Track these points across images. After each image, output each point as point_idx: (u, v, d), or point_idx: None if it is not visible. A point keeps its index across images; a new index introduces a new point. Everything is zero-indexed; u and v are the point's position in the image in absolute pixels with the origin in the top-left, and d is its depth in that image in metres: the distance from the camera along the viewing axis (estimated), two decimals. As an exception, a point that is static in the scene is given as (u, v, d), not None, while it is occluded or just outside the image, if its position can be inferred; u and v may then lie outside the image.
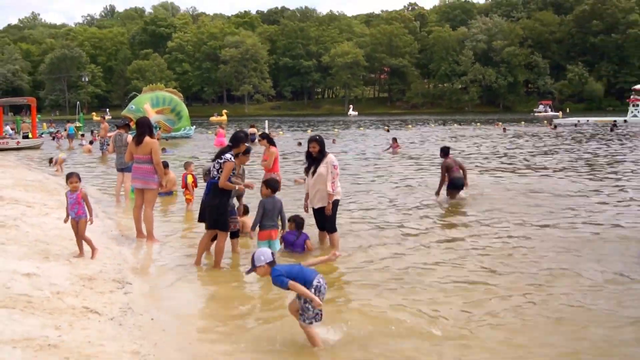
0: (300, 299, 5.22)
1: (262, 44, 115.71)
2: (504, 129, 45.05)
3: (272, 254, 5.31)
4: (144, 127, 9.06)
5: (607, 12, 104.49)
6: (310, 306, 5.12)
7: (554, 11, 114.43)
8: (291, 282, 5.02)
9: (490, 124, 57.13)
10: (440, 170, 13.46)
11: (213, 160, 7.79)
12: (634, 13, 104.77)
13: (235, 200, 8.53)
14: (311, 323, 5.20)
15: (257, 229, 8.13)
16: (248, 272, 5.43)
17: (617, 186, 15.12)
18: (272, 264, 5.18)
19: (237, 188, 8.07)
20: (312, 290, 5.09)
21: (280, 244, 8.46)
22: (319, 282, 5.17)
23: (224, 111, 79.64)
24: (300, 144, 27.94)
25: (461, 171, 13.19)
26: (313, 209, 8.83)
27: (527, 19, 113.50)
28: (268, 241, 7.94)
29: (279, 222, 8.33)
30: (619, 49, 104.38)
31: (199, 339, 5.40)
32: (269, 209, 8.01)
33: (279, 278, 5.09)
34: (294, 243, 8.43)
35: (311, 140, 8.65)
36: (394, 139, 26.99)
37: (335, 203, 8.64)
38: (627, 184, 15.65)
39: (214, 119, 69.09)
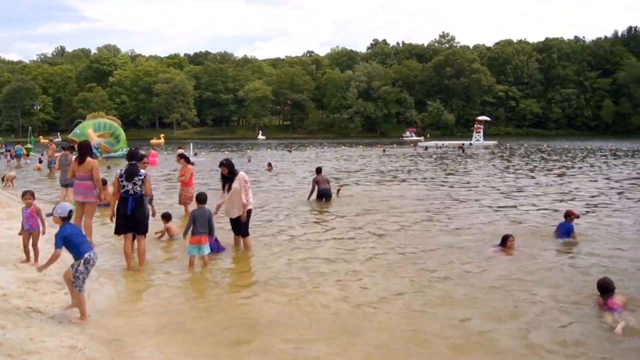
0: (73, 267, 5.64)
1: (188, 80, 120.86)
2: (384, 150, 49.85)
3: (70, 211, 5.73)
4: (86, 149, 9.57)
5: (456, 61, 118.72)
6: (80, 275, 5.58)
7: (418, 60, 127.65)
8: (57, 250, 5.51)
9: (371, 146, 62.41)
10: (311, 183, 15.71)
11: (125, 179, 8.13)
12: (476, 62, 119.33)
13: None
14: (81, 290, 5.64)
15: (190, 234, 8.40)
16: (48, 215, 6.05)
17: (463, 194, 16.83)
18: (64, 219, 5.64)
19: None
20: (82, 261, 5.60)
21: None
22: (89, 255, 5.69)
23: (162, 135, 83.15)
24: (249, 160, 28.77)
25: (327, 184, 15.47)
26: (230, 218, 9.47)
27: (397, 65, 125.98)
28: (198, 245, 8.30)
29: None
30: (465, 89, 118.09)
31: (129, 330, 5.74)
32: (198, 218, 8.38)
33: (59, 237, 5.55)
34: (216, 248, 9.13)
35: (220, 164, 9.42)
36: (269, 164, 28.62)
37: (249, 212, 9.38)
38: (469, 193, 17.45)
39: (153, 141, 71.16)
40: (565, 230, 10.45)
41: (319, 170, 16.15)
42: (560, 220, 10.90)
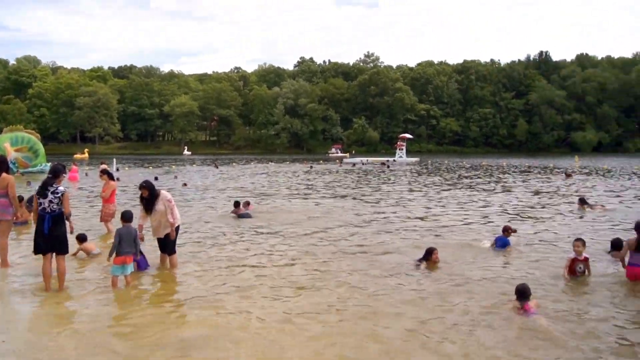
0: None
1: (112, 94, 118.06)
2: (311, 166, 50.68)
3: None
4: (1, 164, 8.98)
5: (381, 80, 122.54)
6: None
7: (344, 78, 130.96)
8: None
9: (300, 162, 63.05)
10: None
11: (40, 195, 7.77)
12: (399, 82, 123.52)
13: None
14: None
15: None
16: None
17: (387, 209, 17.06)
18: None
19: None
20: None
21: (135, 268, 8.62)
22: None
23: (86, 150, 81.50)
24: (185, 184, 27.75)
25: (247, 207, 16.20)
26: (158, 238, 9.26)
27: (324, 83, 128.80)
28: (122, 265, 8.03)
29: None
30: (389, 107, 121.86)
31: (49, 355, 5.67)
32: (124, 237, 8.07)
33: None
34: (145, 264, 9.04)
35: (140, 187, 9.16)
36: (184, 184, 28.35)
37: (177, 229, 9.26)
38: (394, 207, 17.69)
39: (77, 156, 69.57)
40: (502, 244, 11.16)
41: (236, 204, 16.14)
42: (497, 235, 11.68)
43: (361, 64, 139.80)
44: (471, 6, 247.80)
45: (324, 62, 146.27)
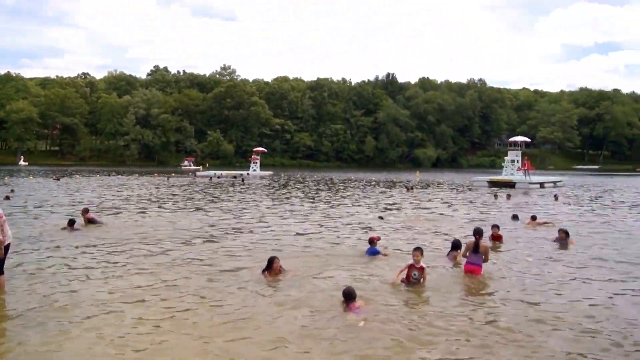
0: None
1: None
2: (168, 178, 50.10)
3: None
4: None
5: (237, 93, 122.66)
6: None
7: (199, 90, 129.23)
8: None
9: (150, 174, 61.27)
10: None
11: None
12: (255, 96, 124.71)
13: None
14: None
15: None
16: None
17: (241, 221, 17.10)
18: None
19: None
20: None
21: None
22: None
23: None
24: (8, 197, 25.64)
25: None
26: None
27: (178, 94, 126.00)
28: None
29: None
30: (244, 121, 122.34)
31: None
32: None
33: None
34: None
35: None
36: (6, 196, 26.18)
37: (7, 248, 8.68)
38: (249, 220, 17.73)
39: None
40: (371, 253, 12.19)
41: (71, 222, 15.70)
42: (366, 247, 12.65)
43: (217, 76, 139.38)
44: (325, 26, 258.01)
45: (179, 72, 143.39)
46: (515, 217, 20.26)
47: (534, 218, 19.06)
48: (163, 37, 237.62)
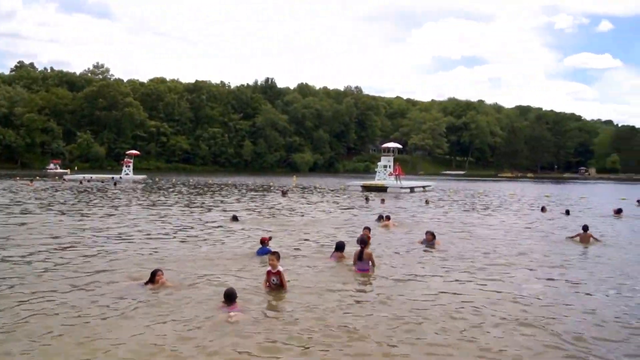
0: None
1: None
2: (32, 182, 48.31)
3: None
4: None
5: (110, 93, 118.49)
6: None
7: (68, 88, 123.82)
8: None
9: (11, 177, 59.18)
10: None
11: None
12: (130, 97, 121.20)
13: None
14: None
15: None
16: None
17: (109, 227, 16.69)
18: None
19: None
20: None
21: None
22: None
23: None
24: None
25: None
26: None
27: (45, 92, 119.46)
28: None
29: None
30: (117, 122, 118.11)
31: None
32: None
33: None
34: None
35: None
36: None
37: None
38: (117, 226, 17.44)
39: None
40: (262, 252, 13.02)
41: None
42: (258, 247, 13.62)
43: (89, 75, 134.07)
44: (204, 28, 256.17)
45: (46, 69, 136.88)
46: (380, 218, 21.78)
47: (387, 218, 20.97)
48: (29, 31, 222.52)
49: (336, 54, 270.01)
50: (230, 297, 8.43)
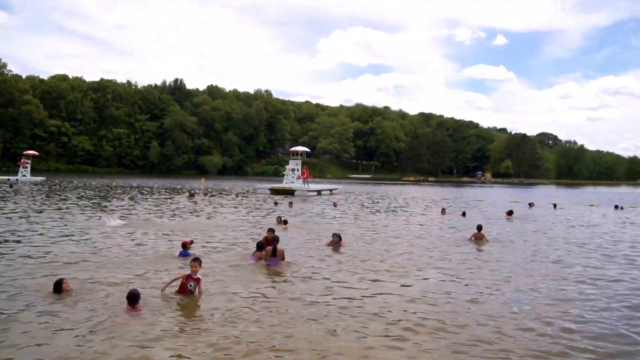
0: None
1: None
2: None
3: None
4: None
5: (6, 90, 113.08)
6: None
7: None
8: None
9: None
10: None
11: None
12: (28, 94, 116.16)
13: None
14: None
15: None
16: None
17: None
18: None
19: None
20: None
21: None
22: None
23: None
24: None
25: None
26: None
27: None
28: None
29: None
30: (14, 121, 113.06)
31: None
32: None
33: None
34: None
35: None
36: None
37: None
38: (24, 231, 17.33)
39: None
40: (184, 256, 13.69)
41: None
42: (179, 250, 14.19)
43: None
44: (111, 24, 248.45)
45: None
46: (279, 220, 22.59)
47: (285, 222, 21.62)
48: None
49: (247, 57, 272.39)
50: (132, 298, 8.49)
